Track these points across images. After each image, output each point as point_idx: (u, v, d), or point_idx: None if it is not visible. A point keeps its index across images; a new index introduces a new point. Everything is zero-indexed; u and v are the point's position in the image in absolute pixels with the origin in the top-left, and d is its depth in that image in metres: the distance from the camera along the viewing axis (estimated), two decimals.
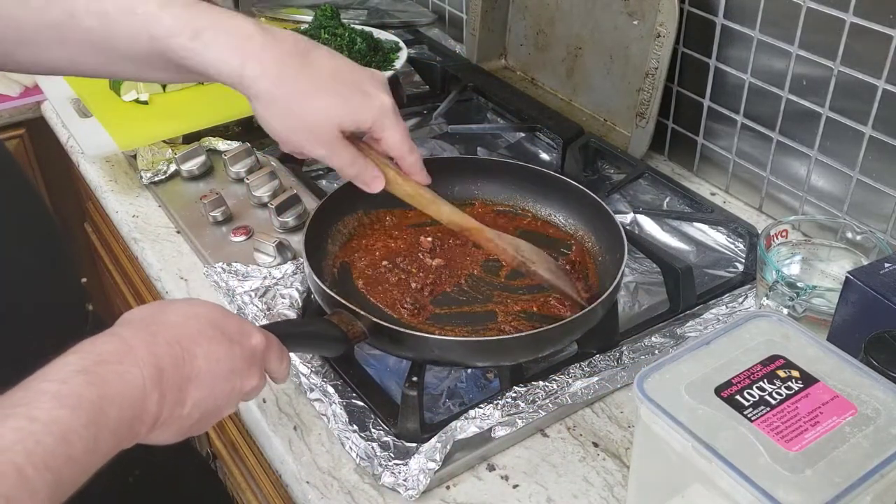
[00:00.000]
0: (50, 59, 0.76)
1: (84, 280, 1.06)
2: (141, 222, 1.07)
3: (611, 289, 0.79)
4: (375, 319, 0.75)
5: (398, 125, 0.78)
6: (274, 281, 0.91)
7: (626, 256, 0.82)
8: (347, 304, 0.76)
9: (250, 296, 0.90)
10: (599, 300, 0.78)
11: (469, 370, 0.84)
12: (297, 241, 0.98)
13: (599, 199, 0.91)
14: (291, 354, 0.81)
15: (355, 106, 0.75)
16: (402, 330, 0.75)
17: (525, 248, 0.85)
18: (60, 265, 0.88)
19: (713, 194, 1.12)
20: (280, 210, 1.00)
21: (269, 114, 0.75)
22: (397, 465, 0.72)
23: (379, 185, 0.80)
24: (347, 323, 0.75)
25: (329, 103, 0.74)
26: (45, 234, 0.88)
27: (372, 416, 0.77)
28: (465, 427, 0.74)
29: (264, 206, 1.04)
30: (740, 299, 0.91)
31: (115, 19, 0.73)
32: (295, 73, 0.73)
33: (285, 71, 0.73)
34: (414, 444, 0.73)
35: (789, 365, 0.60)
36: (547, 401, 0.77)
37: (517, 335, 0.76)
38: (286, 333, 0.70)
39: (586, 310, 0.77)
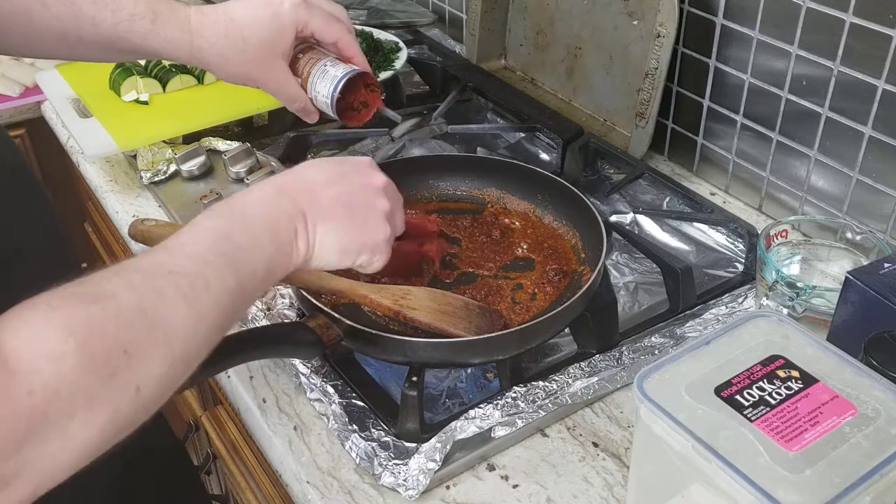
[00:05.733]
0: (14, 43, 0.84)
1: (84, 265, 1.07)
2: None
3: (587, 285, 0.80)
4: (350, 322, 0.75)
5: (315, 11, 0.88)
6: None
7: (605, 246, 0.83)
8: (322, 307, 0.77)
9: None
10: (577, 295, 0.78)
11: (469, 370, 0.84)
12: None
13: (579, 192, 0.92)
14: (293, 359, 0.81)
15: (277, 21, 0.86)
16: (377, 333, 0.75)
17: (414, 296, 0.80)
18: (61, 250, 0.89)
19: (713, 194, 1.12)
20: None
21: (227, 72, 0.88)
22: (397, 465, 0.72)
23: (315, 117, 0.94)
24: (323, 327, 0.75)
25: (260, 35, 0.86)
26: (46, 220, 0.88)
27: (372, 416, 0.77)
28: (465, 427, 0.74)
29: None
30: (740, 299, 0.91)
31: (80, 7, 0.83)
32: (225, 29, 0.86)
33: (219, 30, 0.86)
34: (414, 445, 0.74)
35: (789, 365, 0.60)
36: (547, 401, 0.77)
37: (485, 336, 0.77)
38: (258, 340, 0.70)
39: (564, 305, 0.77)
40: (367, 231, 0.69)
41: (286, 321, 0.87)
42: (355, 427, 0.76)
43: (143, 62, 1.29)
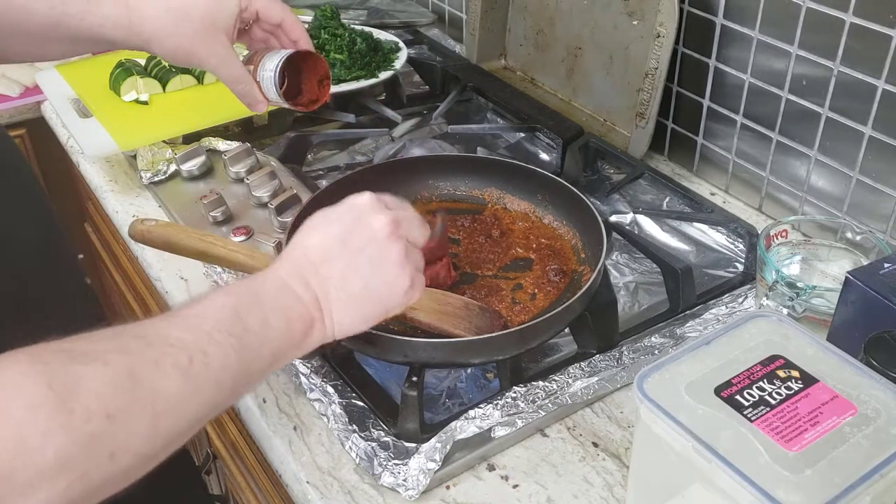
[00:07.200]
0: None
1: (81, 256, 1.08)
2: None
3: (587, 285, 0.80)
4: None
5: None
6: None
7: (605, 246, 0.83)
8: None
9: None
10: (577, 295, 0.78)
11: (469, 370, 0.84)
12: None
13: (579, 192, 0.92)
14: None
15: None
16: (377, 333, 0.75)
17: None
18: (56, 239, 0.89)
19: (713, 194, 1.12)
20: (280, 210, 1.00)
21: (166, 47, 0.85)
22: (397, 465, 0.72)
23: (262, 108, 0.92)
24: None
25: (203, 7, 0.84)
26: (39, 208, 0.89)
27: (372, 416, 0.77)
28: (465, 427, 0.74)
29: (264, 206, 1.04)
30: (740, 299, 0.91)
31: None
32: (167, 3, 0.83)
33: (159, 4, 0.83)
34: (414, 444, 0.74)
35: (789, 365, 0.60)
36: (547, 401, 0.77)
37: (485, 336, 0.76)
38: None
39: (564, 305, 0.77)
40: (388, 289, 0.66)
41: None
42: (355, 427, 0.76)
43: (142, 62, 1.29)
